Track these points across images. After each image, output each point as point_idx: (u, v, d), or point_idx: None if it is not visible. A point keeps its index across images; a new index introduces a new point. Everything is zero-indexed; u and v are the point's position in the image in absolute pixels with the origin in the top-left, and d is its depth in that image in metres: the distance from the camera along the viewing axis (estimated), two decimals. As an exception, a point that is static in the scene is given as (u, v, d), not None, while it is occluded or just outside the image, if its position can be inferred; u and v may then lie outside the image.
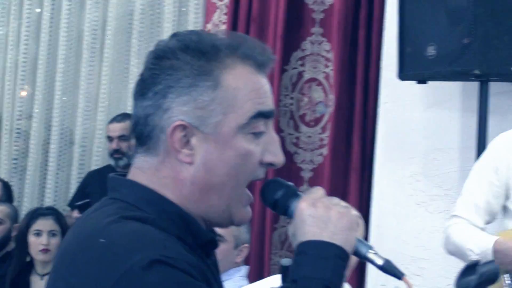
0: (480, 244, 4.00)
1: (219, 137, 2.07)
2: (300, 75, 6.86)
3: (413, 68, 5.23)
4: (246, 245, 4.76)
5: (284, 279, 3.56)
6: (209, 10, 7.06)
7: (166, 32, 7.20)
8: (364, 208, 6.14)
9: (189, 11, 7.18)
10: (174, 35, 2.16)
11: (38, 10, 7.39)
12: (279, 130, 6.66)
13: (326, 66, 6.76)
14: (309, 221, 2.07)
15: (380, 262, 2.09)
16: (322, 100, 6.77)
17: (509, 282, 3.94)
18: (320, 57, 6.79)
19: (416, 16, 5.20)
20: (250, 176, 2.11)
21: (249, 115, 2.08)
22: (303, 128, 6.83)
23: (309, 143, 6.81)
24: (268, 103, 2.13)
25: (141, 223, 2.03)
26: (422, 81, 5.28)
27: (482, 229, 4.11)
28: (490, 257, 3.89)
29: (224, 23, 6.91)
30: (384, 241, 5.66)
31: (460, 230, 4.13)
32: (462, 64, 4.86)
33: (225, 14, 6.91)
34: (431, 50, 5.01)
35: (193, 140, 2.05)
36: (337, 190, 6.47)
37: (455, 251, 4.19)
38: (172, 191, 2.08)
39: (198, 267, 2.02)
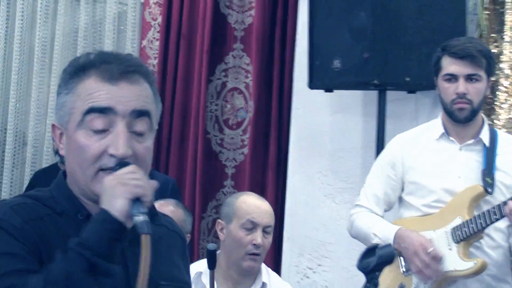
0: (384, 230, 4.00)
1: (68, 133, 2.14)
2: (224, 84, 6.72)
3: (321, 79, 5.16)
4: (189, 235, 4.54)
5: (209, 261, 3.57)
6: (144, 28, 6.90)
7: (107, 47, 6.94)
8: (279, 199, 6.10)
9: (127, 29, 6.96)
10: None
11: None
12: (205, 132, 6.60)
13: (246, 77, 6.65)
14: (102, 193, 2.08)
15: (140, 219, 1.99)
16: (243, 106, 6.67)
17: (404, 263, 3.97)
18: (241, 69, 6.67)
19: (324, 33, 5.12)
20: (96, 164, 2.11)
21: (82, 111, 2.12)
22: (227, 130, 6.69)
23: (232, 143, 6.68)
24: (101, 102, 2.12)
25: (25, 197, 2.22)
26: (329, 89, 5.22)
27: (381, 216, 4.13)
28: (391, 241, 3.88)
29: (157, 39, 6.78)
30: (297, 228, 5.61)
31: (363, 217, 4.13)
32: (363, 75, 4.84)
33: (158, 32, 6.76)
34: (336, 63, 4.94)
35: (63, 137, 2.17)
36: (257, 184, 6.47)
37: (358, 235, 4.18)
38: (68, 178, 2.21)
39: (31, 231, 2.08)
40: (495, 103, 5.06)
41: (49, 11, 7.04)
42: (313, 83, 5.17)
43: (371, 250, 2.57)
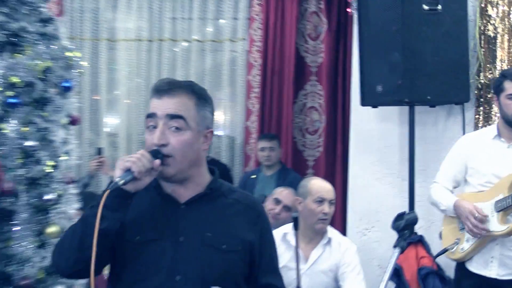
0: (447, 200, 4.04)
1: None
2: (304, 104, 6.93)
3: (369, 99, 5.19)
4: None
5: (294, 225, 3.59)
6: (249, 67, 6.95)
7: (224, 81, 7.16)
8: (344, 182, 6.12)
9: (238, 68, 7.06)
10: None
11: None
12: (293, 137, 6.74)
13: (320, 99, 6.88)
14: None
15: (117, 181, 2.06)
16: (318, 119, 6.89)
17: (460, 224, 4.02)
18: (316, 94, 6.90)
19: (370, 67, 5.13)
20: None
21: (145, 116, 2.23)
22: (307, 135, 6.92)
23: (311, 145, 6.91)
24: (151, 110, 2.20)
25: None
26: (375, 106, 5.24)
27: (451, 191, 4.12)
28: (452, 208, 3.99)
29: (258, 75, 6.85)
30: (356, 201, 5.57)
31: (436, 190, 4.14)
32: (397, 95, 4.78)
33: (259, 69, 6.85)
34: (379, 88, 4.97)
35: None
36: (328, 172, 6.67)
37: (432, 202, 4.18)
38: None
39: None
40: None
41: (186, 58, 7.19)
42: (364, 102, 5.21)
43: (401, 216, 2.67)
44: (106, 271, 2.27)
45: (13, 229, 3.07)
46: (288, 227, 4.09)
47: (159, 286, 2.16)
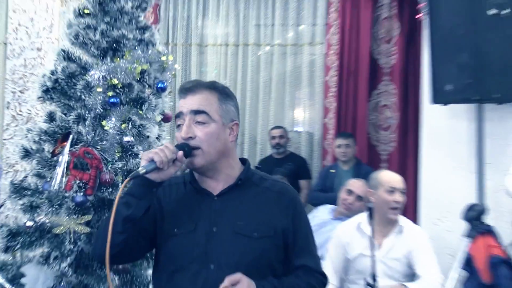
0: None
1: None
2: (378, 103, 6.83)
3: (439, 97, 5.07)
4: None
5: (369, 215, 3.57)
6: (326, 69, 6.89)
7: (304, 82, 7.12)
8: (416, 174, 6.09)
9: (316, 70, 7.03)
10: None
11: None
12: (367, 133, 6.66)
13: (392, 98, 6.74)
14: None
15: (139, 170, 2.06)
16: (391, 116, 6.76)
17: None
18: (389, 93, 6.77)
19: (440, 67, 5.06)
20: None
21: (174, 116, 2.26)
22: (381, 132, 6.82)
23: (385, 140, 6.79)
24: (178, 110, 2.22)
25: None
26: (445, 104, 5.11)
27: None
28: None
29: (335, 76, 6.80)
30: (428, 192, 5.50)
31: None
32: (467, 94, 4.71)
33: (336, 71, 6.79)
34: (449, 87, 4.90)
35: None
36: (401, 165, 6.55)
37: (508, 193, 3.97)
38: None
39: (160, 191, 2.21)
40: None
41: (268, 61, 7.19)
42: (435, 100, 5.09)
43: (471, 207, 2.77)
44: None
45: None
46: (362, 217, 4.07)
47: (196, 275, 2.14)
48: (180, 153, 2.12)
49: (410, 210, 6.12)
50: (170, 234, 2.21)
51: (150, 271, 3.29)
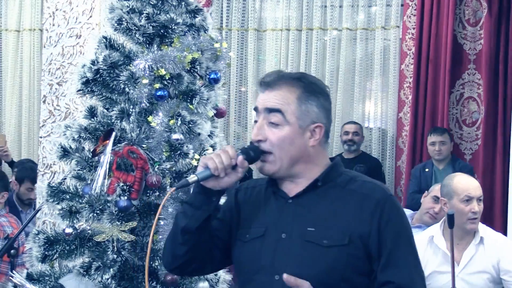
0: None
1: None
2: (461, 95, 6.83)
3: None
4: None
5: (449, 222, 3.49)
6: (402, 56, 7.02)
7: (376, 72, 7.14)
8: (506, 176, 6.11)
9: (390, 57, 7.10)
10: None
11: None
12: (449, 129, 6.66)
13: (478, 89, 6.74)
14: None
15: (190, 177, 2.07)
16: (477, 110, 6.76)
17: None
18: (474, 83, 6.77)
19: None
20: None
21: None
22: (465, 128, 6.83)
23: (469, 137, 6.80)
24: (257, 104, 2.21)
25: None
26: None
27: None
28: None
29: (412, 64, 6.89)
30: None
31: None
32: None
33: (413, 58, 6.88)
34: None
35: None
36: (487, 166, 6.55)
37: None
38: None
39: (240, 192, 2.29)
40: None
41: (335, 47, 7.22)
42: None
43: None
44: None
45: (159, 223, 3.11)
46: (435, 229, 4.02)
47: (262, 286, 2.15)
48: (240, 158, 2.11)
49: (498, 218, 6.13)
50: (241, 242, 2.23)
51: (201, 284, 3.29)
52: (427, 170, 6.31)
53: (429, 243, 3.98)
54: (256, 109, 2.21)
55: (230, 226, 2.26)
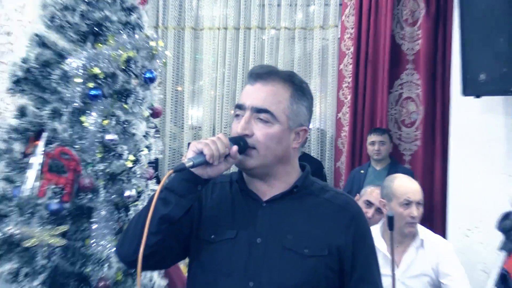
0: None
1: None
2: (400, 95, 6.87)
3: (471, 88, 5.07)
4: None
5: (389, 224, 3.35)
6: (341, 56, 7.05)
7: (314, 71, 7.19)
8: (445, 178, 6.15)
9: (329, 57, 7.12)
10: None
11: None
12: (388, 130, 6.65)
13: (417, 89, 6.79)
14: None
15: (186, 162, 1.98)
16: (415, 110, 6.82)
17: None
18: (413, 83, 6.82)
19: (472, 54, 5.06)
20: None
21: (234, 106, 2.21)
22: (404, 128, 6.87)
23: (408, 138, 6.84)
24: (240, 100, 2.14)
25: None
26: (477, 96, 5.08)
27: None
28: None
29: (350, 64, 6.93)
30: (458, 199, 5.52)
31: None
32: (502, 84, 4.66)
33: (351, 58, 6.89)
34: (482, 76, 4.87)
35: None
36: (427, 167, 6.57)
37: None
38: None
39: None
40: None
41: (273, 47, 7.24)
42: (466, 92, 5.08)
43: (507, 215, 2.72)
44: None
45: (92, 227, 3.11)
46: (374, 231, 3.97)
47: None
48: (235, 148, 2.06)
49: (438, 219, 6.16)
50: (205, 241, 2.16)
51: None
52: (362, 172, 6.36)
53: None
54: (241, 106, 2.14)
55: (191, 219, 2.18)
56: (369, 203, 4.63)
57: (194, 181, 2.05)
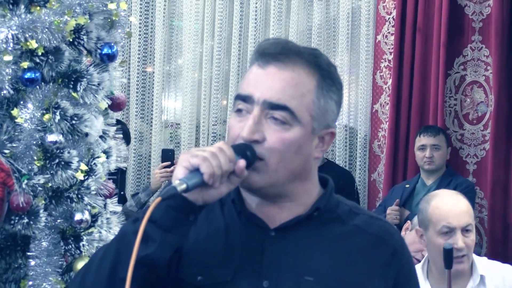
0: None
1: None
2: (462, 78, 6.94)
3: None
4: None
5: (445, 260, 3.57)
6: (378, 23, 7.19)
7: (341, 44, 7.31)
8: None
9: (361, 25, 7.22)
10: None
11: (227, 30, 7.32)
12: (445, 128, 6.75)
13: (486, 70, 6.84)
14: None
15: (176, 184, 1.91)
16: (483, 100, 6.88)
17: None
18: (480, 62, 6.87)
19: None
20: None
21: (234, 97, 2.13)
22: (467, 126, 6.94)
23: (473, 139, 6.91)
24: (245, 89, 2.09)
25: None
26: None
27: None
28: None
29: (392, 34, 7.03)
30: None
31: None
32: None
33: (393, 26, 7.01)
34: None
35: None
36: (498, 180, 6.61)
37: None
38: None
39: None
40: None
41: (282, 10, 7.27)
42: None
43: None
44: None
45: (29, 263, 3.10)
46: (418, 269, 4.02)
47: None
48: (242, 163, 2.01)
49: (498, 238, 6.31)
50: (190, 285, 2.13)
51: None
52: (407, 186, 6.43)
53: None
54: (246, 98, 2.10)
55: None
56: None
57: (184, 209, 2.00)
